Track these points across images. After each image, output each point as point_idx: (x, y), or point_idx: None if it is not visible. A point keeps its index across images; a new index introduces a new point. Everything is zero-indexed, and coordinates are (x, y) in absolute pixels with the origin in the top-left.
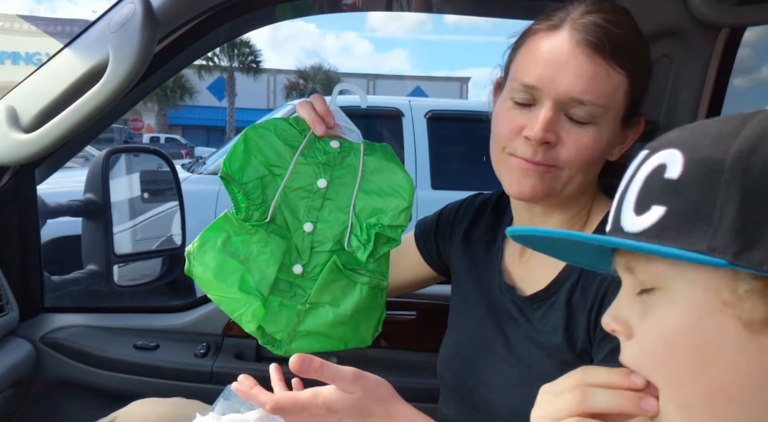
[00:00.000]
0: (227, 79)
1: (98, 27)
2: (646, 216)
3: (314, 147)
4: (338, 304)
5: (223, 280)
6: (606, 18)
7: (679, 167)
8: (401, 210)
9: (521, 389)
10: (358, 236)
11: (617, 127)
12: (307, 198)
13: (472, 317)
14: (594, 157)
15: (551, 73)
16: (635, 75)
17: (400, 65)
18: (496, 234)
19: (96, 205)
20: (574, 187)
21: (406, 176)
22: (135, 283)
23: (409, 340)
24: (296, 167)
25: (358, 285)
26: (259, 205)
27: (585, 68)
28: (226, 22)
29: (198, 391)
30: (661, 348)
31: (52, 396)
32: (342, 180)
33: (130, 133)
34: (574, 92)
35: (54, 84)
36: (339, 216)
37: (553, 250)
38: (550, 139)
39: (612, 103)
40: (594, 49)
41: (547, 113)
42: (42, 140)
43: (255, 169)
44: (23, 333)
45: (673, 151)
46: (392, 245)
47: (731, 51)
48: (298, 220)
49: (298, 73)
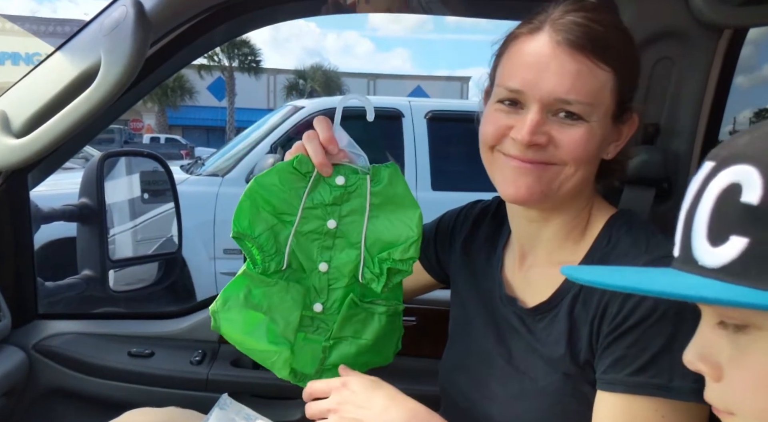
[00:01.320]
0: (227, 78)
1: (90, 30)
2: (725, 249)
3: (320, 186)
4: (360, 336)
5: (251, 334)
6: (586, 16)
7: (759, 190)
8: (411, 242)
9: (522, 402)
10: (371, 269)
11: (609, 125)
12: (319, 239)
13: (473, 329)
14: (589, 153)
15: (534, 75)
16: (621, 71)
17: (402, 65)
18: (496, 244)
19: (91, 210)
20: (571, 185)
21: (413, 204)
22: (131, 288)
23: (408, 346)
24: (305, 212)
25: (376, 316)
26: (273, 255)
27: (567, 67)
28: (221, 24)
29: (193, 399)
30: (761, 393)
31: (46, 404)
32: (351, 217)
33: (130, 133)
34: (559, 92)
35: (45, 88)
36: (351, 252)
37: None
38: (538, 141)
39: (599, 100)
40: (575, 47)
41: (534, 116)
42: (33, 145)
43: (264, 220)
44: (16, 340)
45: (748, 168)
46: (404, 275)
47: (734, 52)
48: (312, 262)
49: (298, 73)
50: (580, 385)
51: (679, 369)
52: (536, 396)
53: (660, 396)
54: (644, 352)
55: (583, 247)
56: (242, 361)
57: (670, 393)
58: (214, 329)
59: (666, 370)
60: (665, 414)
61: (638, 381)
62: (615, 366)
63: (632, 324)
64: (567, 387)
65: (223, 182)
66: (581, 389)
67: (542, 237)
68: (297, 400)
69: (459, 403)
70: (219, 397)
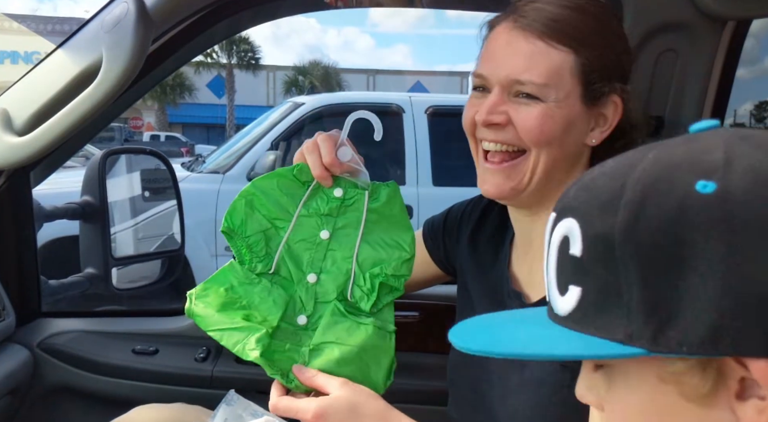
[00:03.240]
0: (226, 76)
1: (91, 27)
2: (567, 299)
3: (317, 196)
4: (344, 342)
5: (226, 313)
6: (548, 1)
7: (579, 243)
8: (404, 260)
9: (521, 393)
10: (361, 286)
11: (578, 107)
12: (310, 249)
13: None
14: (549, 134)
15: (494, 60)
16: (583, 51)
17: (402, 60)
18: (504, 238)
19: (93, 208)
20: (540, 174)
21: (408, 226)
22: (134, 286)
23: (412, 341)
24: (299, 219)
25: (363, 326)
26: (262, 257)
27: (522, 49)
28: (222, 20)
29: (198, 396)
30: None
31: (51, 403)
32: (345, 231)
33: (131, 131)
34: (514, 73)
35: (47, 86)
36: (342, 266)
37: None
38: (496, 120)
39: (556, 81)
40: (529, 30)
41: (493, 97)
42: (35, 143)
43: (258, 222)
44: (20, 339)
45: (572, 222)
46: (395, 295)
47: (737, 44)
48: (301, 271)
49: (297, 69)
50: (577, 377)
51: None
52: (534, 386)
53: None
54: None
55: None
56: None
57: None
58: (188, 313)
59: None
60: None
61: None
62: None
63: None
64: (565, 378)
65: (224, 179)
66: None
67: (537, 232)
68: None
69: (466, 397)
70: (223, 394)
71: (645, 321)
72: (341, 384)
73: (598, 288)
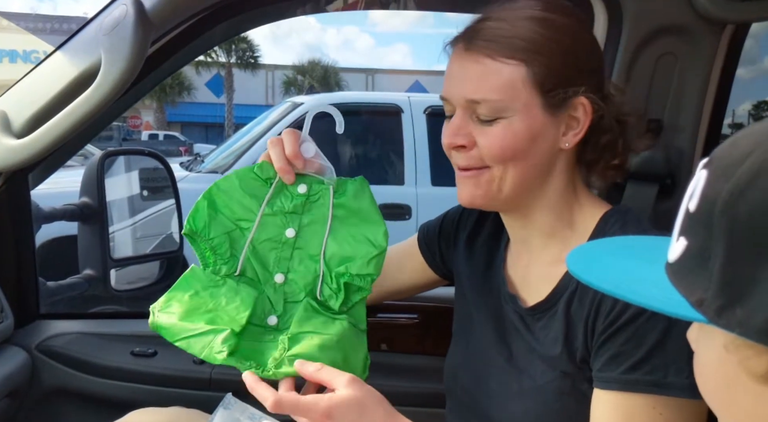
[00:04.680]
0: (225, 75)
1: (90, 29)
2: (676, 248)
3: (281, 194)
4: (321, 332)
5: (190, 319)
6: (491, 16)
7: (697, 198)
8: (370, 258)
9: (520, 401)
10: (329, 285)
11: (540, 116)
12: (277, 249)
13: (476, 326)
14: (515, 149)
15: (450, 83)
16: (534, 60)
17: (402, 60)
18: (500, 241)
19: (92, 209)
20: (511, 185)
21: (377, 220)
22: (133, 287)
23: (411, 344)
24: (263, 219)
25: (337, 321)
26: (227, 259)
27: (471, 70)
28: (222, 22)
29: (197, 399)
30: (700, 379)
31: (49, 405)
32: (311, 228)
33: (129, 130)
34: (468, 94)
35: (45, 88)
36: (310, 265)
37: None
38: (459, 142)
39: (510, 95)
40: (476, 50)
41: (456, 120)
42: (34, 146)
43: (221, 224)
44: (18, 341)
45: (703, 174)
46: (363, 293)
47: (736, 47)
48: (268, 272)
49: (296, 69)
50: (578, 384)
51: (674, 365)
52: (535, 395)
53: (655, 393)
54: (638, 349)
55: (576, 244)
56: None
57: (666, 389)
58: (152, 326)
59: (660, 367)
60: (662, 411)
61: (633, 378)
62: (610, 363)
63: (625, 320)
64: (565, 385)
65: None
66: (579, 387)
67: (528, 237)
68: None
69: (463, 401)
70: (222, 396)
71: (718, 293)
72: (349, 382)
73: (696, 248)
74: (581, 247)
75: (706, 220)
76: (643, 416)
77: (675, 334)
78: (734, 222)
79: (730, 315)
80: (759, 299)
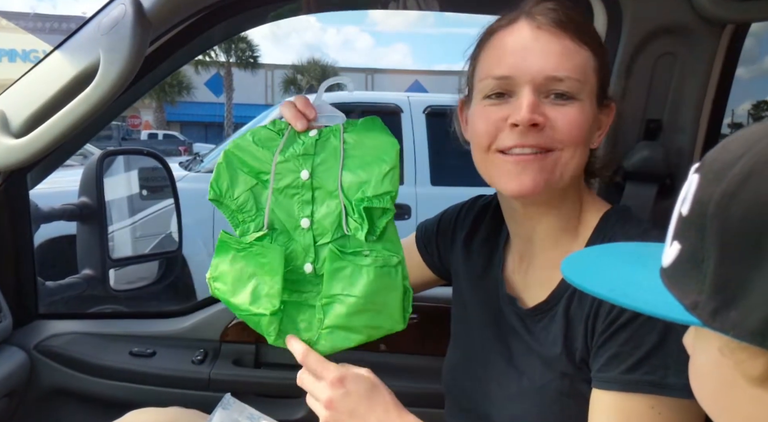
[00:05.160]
0: (225, 74)
1: (88, 29)
2: (669, 252)
3: (293, 142)
4: (348, 293)
5: (237, 296)
6: (558, 4)
7: (689, 202)
8: (384, 174)
9: (520, 402)
10: (353, 217)
11: (595, 107)
12: (297, 194)
13: (474, 327)
14: (584, 134)
15: (521, 59)
16: (598, 53)
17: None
18: (498, 242)
19: (91, 209)
20: (571, 171)
21: (388, 139)
22: (131, 287)
23: (410, 344)
24: (279, 167)
25: (363, 269)
26: (254, 216)
27: (553, 46)
28: (221, 22)
29: (196, 399)
30: (695, 383)
31: (48, 405)
32: (325, 165)
33: (128, 129)
34: (549, 70)
35: (44, 88)
36: (331, 202)
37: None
38: (538, 120)
39: (586, 77)
40: (557, 26)
41: (529, 96)
42: (32, 145)
43: (243, 182)
44: (17, 341)
45: (695, 178)
46: (388, 215)
47: (736, 47)
48: (294, 219)
49: (295, 68)
50: (577, 384)
51: (674, 365)
52: (534, 396)
53: (655, 393)
54: (638, 349)
55: (578, 244)
56: (244, 360)
57: (665, 390)
58: (213, 295)
59: (660, 367)
60: (661, 411)
61: (632, 378)
62: (609, 364)
63: (625, 321)
64: (564, 386)
65: None
66: (579, 388)
67: (537, 235)
68: (300, 399)
69: (462, 402)
70: (221, 397)
71: (711, 295)
72: (369, 371)
73: (690, 251)
74: (576, 253)
75: (698, 224)
76: (642, 416)
77: (674, 335)
78: (727, 224)
79: (724, 318)
80: (752, 300)
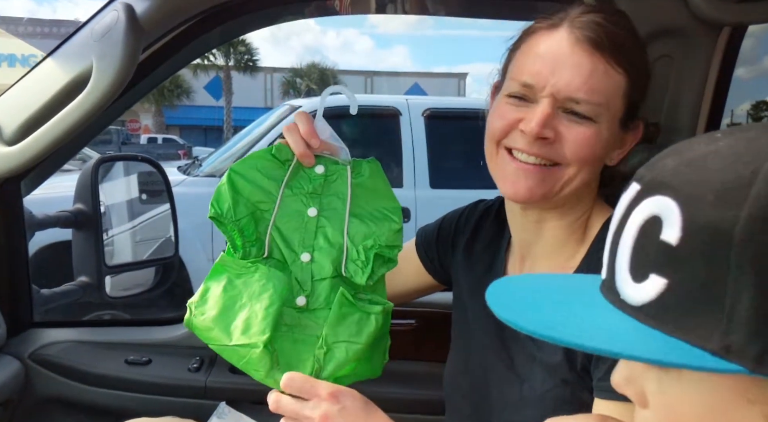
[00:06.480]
0: (224, 78)
1: (81, 35)
2: (644, 288)
3: (299, 175)
4: (355, 340)
5: (224, 328)
6: (605, 18)
7: (677, 229)
8: (395, 231)
9: (521, 409)
10: (355, 260)
11: (616, 129)
12: (300, 228)
13: (475, 333)
14: (594, 155)
15: (549, 70)
16: (634, 76)
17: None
18: (499, 246)
19: (86, 216)
20: (573, 187)
21: (393, 198)
22: (128, 294)
23: (409, 350)
24: (284, 200)
25: (372, 316)
26: (254, 240)
27: (584, 65)
28: (215, 28)
29: (192, 407)
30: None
31: (43, 414)
32: (331, 206)
33: (128, 134)
34: (571, 90)
35: (37, 95)
36: (334, 242)
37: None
38: (547, 135)
39: (610, 102)
40: (593, 45)
41: (545, 109)
42: (25, 153)
43: (244, 206)
44: (11, 350)
45: (668, 201)
46: (389, 266)
47: (733, 49)
48: (294, 252)
49: (294, 71)
50: (578, 392)
51: None
52: (535, 403)
53: None
54: None
55: (581, 251)
56: None
57: None
58: (187, 324)
59: None
60: None
61: None
62: (610, 373)
63: None
64: (566, 394)
65: None
66: (580, 396)
67: (541, 240)
68: None
69: (463, 409)
70: (216, 405)
71: (751, 336)
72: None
73: (692, 286)
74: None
75: (710, 254)
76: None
77: None
78: (763, 256)
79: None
80: None
